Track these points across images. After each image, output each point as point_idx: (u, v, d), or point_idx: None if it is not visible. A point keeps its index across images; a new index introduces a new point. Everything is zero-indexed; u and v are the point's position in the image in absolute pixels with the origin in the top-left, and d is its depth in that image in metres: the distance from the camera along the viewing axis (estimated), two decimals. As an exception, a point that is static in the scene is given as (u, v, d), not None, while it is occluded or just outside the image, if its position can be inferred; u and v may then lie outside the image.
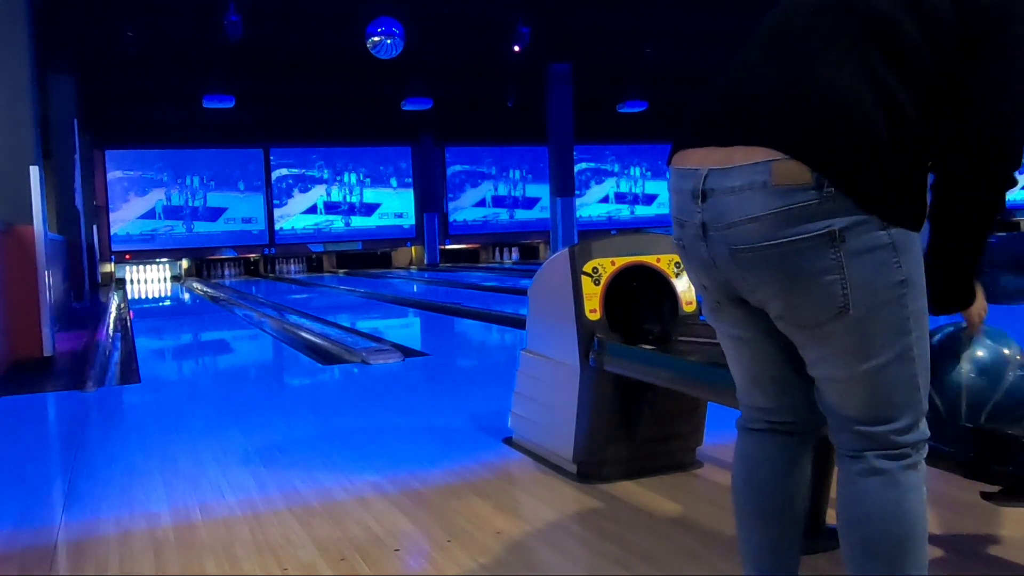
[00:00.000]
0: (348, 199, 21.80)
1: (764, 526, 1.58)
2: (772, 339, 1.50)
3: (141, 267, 20.15)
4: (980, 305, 1.54)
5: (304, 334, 7.81)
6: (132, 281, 19.68)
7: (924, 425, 1.42)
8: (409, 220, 22.34)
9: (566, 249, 3.00)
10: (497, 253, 23.51)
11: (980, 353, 1.61)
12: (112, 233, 19.70)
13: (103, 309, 12.02)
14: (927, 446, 1.43)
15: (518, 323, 7.16)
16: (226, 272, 20.75)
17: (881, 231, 1.31)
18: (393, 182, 22.16)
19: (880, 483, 1.39)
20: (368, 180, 22.00)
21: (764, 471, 1.58)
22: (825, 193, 1.29)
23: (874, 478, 1.40)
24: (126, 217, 19.89)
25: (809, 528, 2.27)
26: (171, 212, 20.27)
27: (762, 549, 1.59)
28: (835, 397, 1.43)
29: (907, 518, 1.39)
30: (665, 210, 25.03)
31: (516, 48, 14.50)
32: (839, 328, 1.35)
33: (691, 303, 3.03)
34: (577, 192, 17.74)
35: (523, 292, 3.54)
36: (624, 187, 24.41)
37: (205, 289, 15.97)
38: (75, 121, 14.08)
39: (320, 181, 21.54)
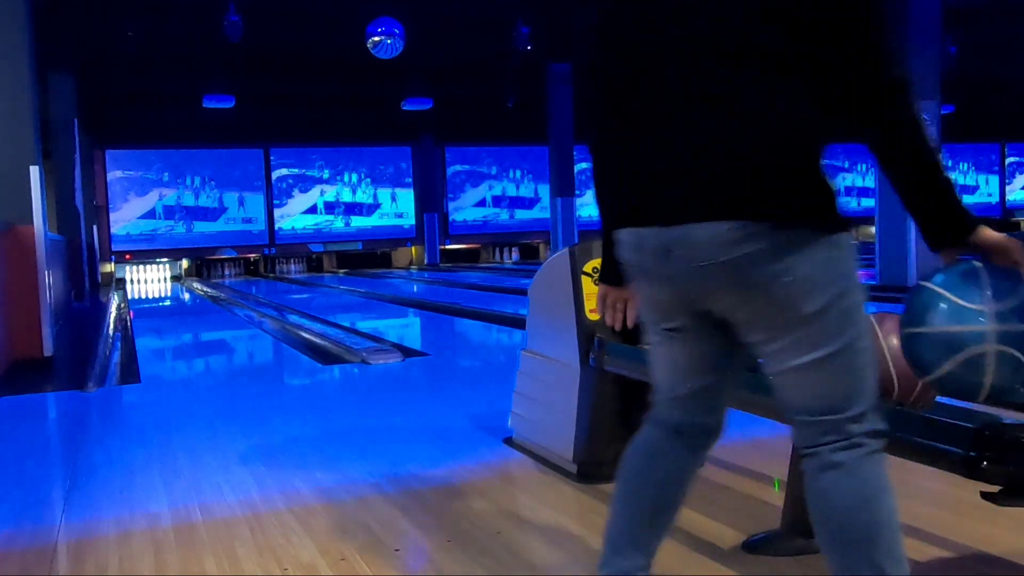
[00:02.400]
0: (348, 199, 21.80)
1: (651, 518, 1.68)
2: (713, 348, 1.61)
3: (141, 267, 20.14)
4: (996, 235, 1.47)
5: (304, 334, 7.81)
6: (132, 281, 19.68)
7: (876, 416, 1.48)
8: (409, 220, 22.35)
9: (566, 249, 3.00)
10: (497, 253, 23.49)
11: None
12: (112, 233, 19.68)
13: (103, 309, 12.02)
14: (882, 439, 1.49)
15: (518, 323, 7.16)
16: (226, 272, 20.75)
17: (825, 234, 1.42)
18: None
19: (838, 475, 1.46)
20: (368, 180, 22.00)
21: (668, 466, 1.68)
22: (775, 225, 1.40)
23: (832, 471, 1.47)
24: (126, 217, 19.88)
25: (809, 528, 2.27)
26: (171, 212, 20.27)
27: (637, 538, 1.68)
28: (792, 390, 1.50)
29: (869, 506, 1.44)
30: (665, 210, 25.01)
31: (528, 47, 14.47)
32: (796, 324, 1.43)
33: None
34: (577, 192, 17.71)
35: (523, 292, 3.53)
36: (624, 187, 24.38)
37: (205, 289, 15.97)
38: (75, 121, 14.08)
39: (320, 181, 21.54)
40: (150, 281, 19.78)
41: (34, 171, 6.74)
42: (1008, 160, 27.64)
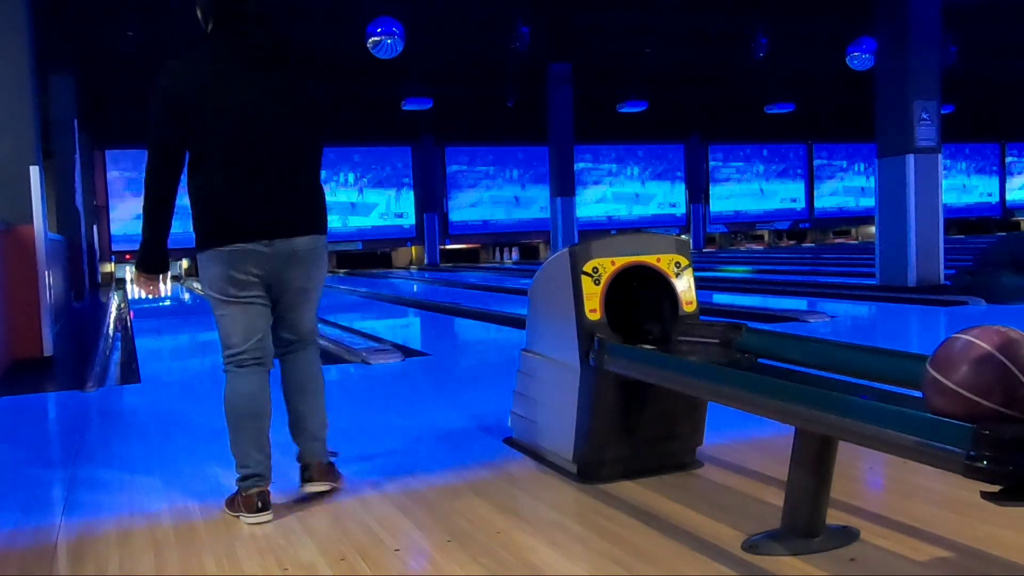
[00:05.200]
0: (348, 199, 21.79)
1: (264, 428, 2.86)
2: (269, 306, 2.84)
3: (141, 267, 20.09)
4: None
5: (304, 334, 7.78)
6: (132, 281, 19.67)
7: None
8: (409, 220, 22.34)
9: (566, 249, 3.00)
10: (497, 253, 23.49)
11: None
12: (112, 233, 19.68)
13: (103, 309, 12.02)
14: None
15: (518, 323, 7.16)
16: (226, 272, 20.70)
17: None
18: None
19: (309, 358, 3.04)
20: (367, 180, 21.99)
21: (263, 392, 2.86)
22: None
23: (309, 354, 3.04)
24: (126, 217, 19.87)
25: (809, 528, 2.27)
26: (171, 212, 20.22)
27: (264, 443, 2.85)
28: (306, 323, 2.93)
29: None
30: (665, 210, 25.02)
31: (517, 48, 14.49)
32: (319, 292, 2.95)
33: (691, 303, 3.03)
34: (577, 192, 17.73)
35: (523, 292, 3.54)
36: (624, 187, 24.40)
37: (205, 289, 15.94)
38: (75, 121, 14.08)
39: (320, 181, 21.50)
40: (150, 281, 19.71)
41: (34, 171, 6.74)
42: (1008, 160, 27.65)
